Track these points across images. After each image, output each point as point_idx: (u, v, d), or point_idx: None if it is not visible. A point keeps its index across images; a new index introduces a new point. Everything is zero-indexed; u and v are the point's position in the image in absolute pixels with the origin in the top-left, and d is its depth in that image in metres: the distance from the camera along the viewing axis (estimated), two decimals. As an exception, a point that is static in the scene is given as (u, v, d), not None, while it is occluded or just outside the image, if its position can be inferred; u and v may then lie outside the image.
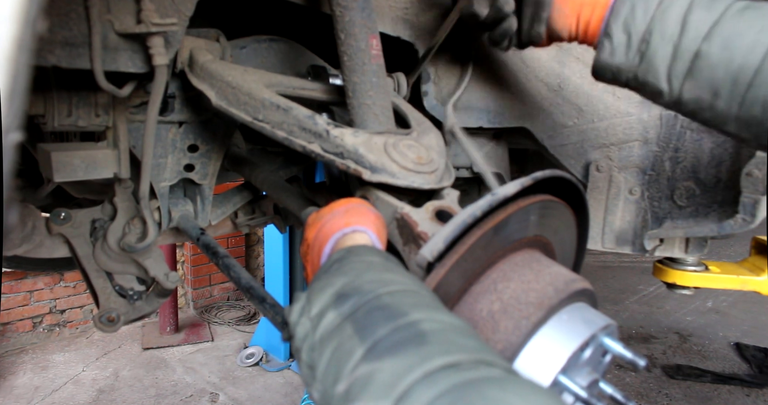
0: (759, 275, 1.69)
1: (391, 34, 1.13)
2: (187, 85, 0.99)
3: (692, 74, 0.70)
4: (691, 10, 0.71)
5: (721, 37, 0.68)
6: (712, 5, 0.70)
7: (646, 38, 0.73)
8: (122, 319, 1.21)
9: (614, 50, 0.77)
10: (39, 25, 0.33)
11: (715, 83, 0.68)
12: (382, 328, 0.45)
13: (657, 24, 0.72)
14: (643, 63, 0.74)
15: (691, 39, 0.70)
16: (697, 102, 0.71)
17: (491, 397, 0.37)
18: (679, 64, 0.71)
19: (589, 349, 0.63)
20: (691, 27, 0.70)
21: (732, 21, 0.68)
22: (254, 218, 1.42)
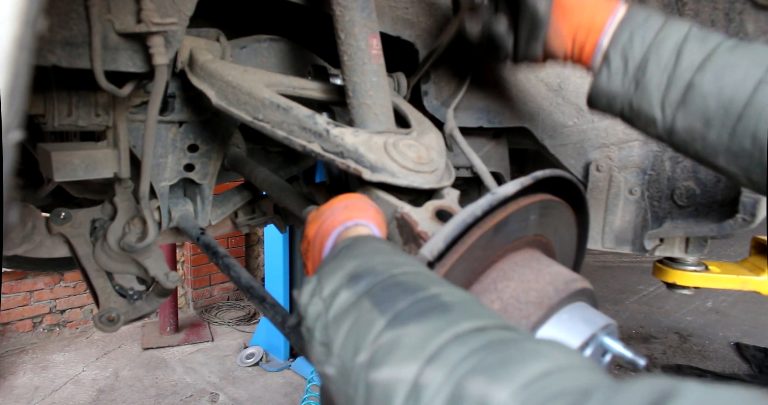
0: (759, 275, 1.69)
1: (391, 34, 1.13)
2: (187, 85, 0.99)
3: (685, 103, 0.72)
4: (686, 41, 0.73)
5: (713, 69, 0.70)
6: (706, 39, 0.73)
7: (642, 66, 0.75)
8: (122, 319, 1.21)
9: (611, 76, 0.78)
10: (39, 25, 0.33)
11: (706, 113, 0.70)
12: (402, 301, 0.45)
13: (653, 53, 0.74)
14: (639, 90, 0.76)
15: (684, 69, 0.72)
16: (689, 131, 0.73)
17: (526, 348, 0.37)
18: (672, 93, 0.73)
19: (589, 349, 0.63)
20: (686, 58, 0.72)
21: (724, 55, 0.70)
22: (254, 218, 1.42)
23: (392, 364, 0.40)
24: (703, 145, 0.72)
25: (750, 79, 0.67)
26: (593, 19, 0.80)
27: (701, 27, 0.76)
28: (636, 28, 0.76)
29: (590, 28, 0.81)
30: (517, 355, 0.37)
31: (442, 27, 1.17)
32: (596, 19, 0.80)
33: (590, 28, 0.81)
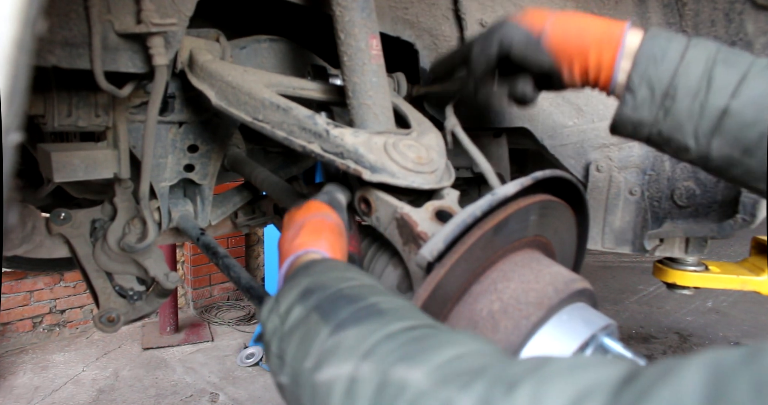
0: (759, 275, 1.69)
1: (391, 34, 1.13)
2: (187, 85, 0.99)
3: (720, 131, 0.69)
4: (715, 64, 0.69)
5: (749, 95, 0.66)
6: (736, 61, 0.69)
7: (670, 93, 0.71)
8: (122, 319, 1.21)
9: (638, 105, 0.75)
10: (39, 25, 0.33)
11: (745, 142, 0.67)
12: (344, 311, 0.50)
13: (681, 78, 0.71)
14: (668, 118, 0.72)
15: (717, 95, 0.68)
16: (727, 159, 0.70)
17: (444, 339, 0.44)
18: (705, 121, 0.70)
19: (589, 349, 0.63)
20: (717, 83, 0.68)
21: (759, 79, 0.67)
22: (254, 218, 1.42)
23: (333, 364, 0.45)
24: (743, 172, 0.69)
25: None
26: (600, 58, 0.77)
27: (726, 47, 0.72)
28: (659, 53, 0.73)
29: (599, 68, 0.77)
30: (435, 344, 0.43)
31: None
32: (603, 57, 0.77)
33: (599, 68, 0.77)
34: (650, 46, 0.73)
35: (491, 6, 1.20)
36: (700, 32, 1.27)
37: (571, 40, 0.79)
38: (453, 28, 1.20)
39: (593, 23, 0.79)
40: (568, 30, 0.79)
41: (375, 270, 0.83)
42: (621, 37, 0.76)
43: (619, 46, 0.75)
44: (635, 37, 0.75)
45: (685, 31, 1.27)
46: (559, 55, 0.79)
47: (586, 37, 0.78)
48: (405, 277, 0.77)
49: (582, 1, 1.28)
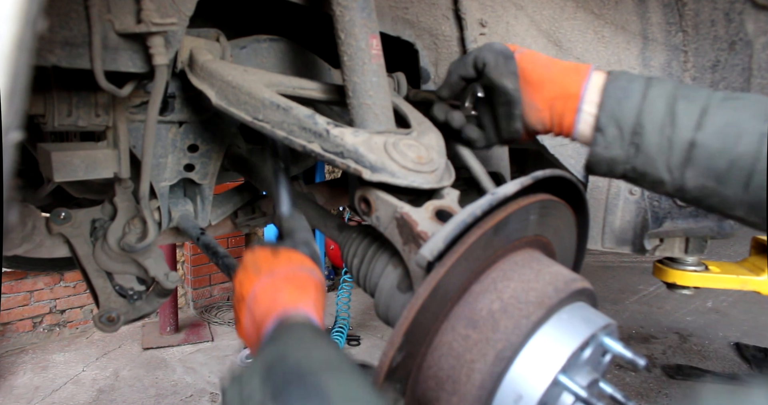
0: (759, 275, 1.69)
1: (391, 34, 1.13)
2: (187, 85, 0.99)
3: (691, 163, 0.72)
4: (676, 101, 0.73)
5: (713, 126, 0.70)
6: (694, 96, 0.73)
7: (637, 130, 0.75)
8: (122, 319, 1.21)
9: (609, 144, 0.78)
10: (39, 25, 0.33)
11: (716, 171, 0.70)
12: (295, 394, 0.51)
13: (646, 116, 0.74)
14: (640, 155, 0.76)
15: (683, 129, 0.71)
16: (702, 189, 0.73)
17: None
18: (675, 155, 0.73)
19: (589, 349, 0.63)
20: (680, 118, 0.72)
21: (719, 110, 0.70)
22: (254, 218, 1.42)
23: None
24: (719, 200, 0.72)
25: (753, 133, 0.67)
26: (566, 87, 0.80)
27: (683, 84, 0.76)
28: (621, 93, 0.76)
29: (566, 97, 0.80)
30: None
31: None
32: (569, 87, 0.80)
33: (566, 97, 0.80)
34: (614, 87, 0.77)
35: (491, 6, 1.20)
36: (700, 32, 1.27)
37: (538, 68, 0.83)
38: (453, 28, 1.20)
39: (559, 60, 0.84)
40: (537, 59, 0.84)
41: (375, 270, 0.83)
42: (586, 75, 0.79)
43: (584, 81, 0.79)
44: (599, 77, 0.79)
45: (685, 31, 1.27)
46: (526, 73, 0.83)
47: (553, 67, 0.82)
48: (405, 276, 0.77)
49: (582, 1, 1.29)
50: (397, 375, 0.62)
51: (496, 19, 1.21)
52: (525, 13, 1.25)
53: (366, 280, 0.85)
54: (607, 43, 1.31)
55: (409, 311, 0.59)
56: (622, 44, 1.31)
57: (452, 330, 0.64)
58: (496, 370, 0.60)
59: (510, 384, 0.61)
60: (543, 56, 0.85)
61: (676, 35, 1.29)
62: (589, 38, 1.30)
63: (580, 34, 1.30)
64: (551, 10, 1.27)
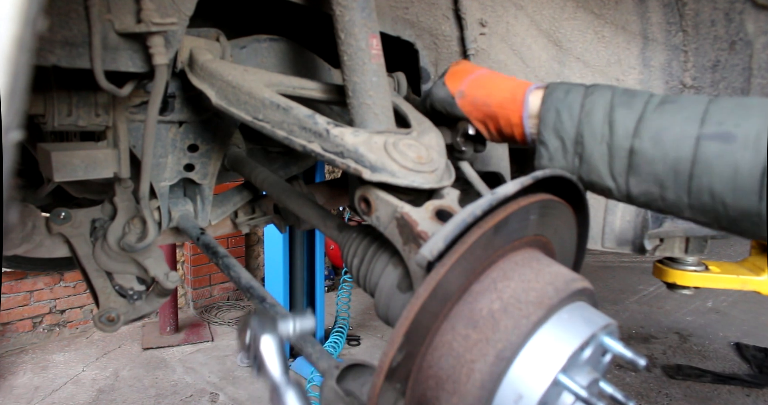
0: (759, 275, 1.69)
1: (391, 34, 1.13)
2: (187, 85, 0.99)
3: (633, 170, 0.73)
4: (614, 109, 0.74)
5: (649, 133, 0.70)
6: (632, 103, 0.73)
7: (579, 140, 0.76)
8: (122, 319, 1.21)
9: (552, 156, 0.80)
10: (39, 25, 0.33)
11: (657, 177, 0.70)
12: None
13: (586, 126, 0.75)
14: (584, 164, 0.77)
15: (621, 137, 0.72)
16: (647, 195, 0.73)
17: None
18: (617, 162, 0.73)
19: (589, 349, 0.63)
20: (618, 126, 0.73)
21: (655, 115, 0.71)
22: (254, 218, 1.42)
23: None
24: (665, 205, 0.72)
25: (687, 137, 0.67)
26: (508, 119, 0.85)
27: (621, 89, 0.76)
28: (560, 106, 0.78)
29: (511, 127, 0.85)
30: None
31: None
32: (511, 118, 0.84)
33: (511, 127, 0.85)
34: (551, 101, 0.79)
35: (491, 6, 1.20)
36: (701, 32, 1.27)
37: (479, 106, 0.88)
38: (453, 28, 1.20)
39: (500, 87, 0.87)
40: (476, 96, 0.88)
41: (375, 269, 0.83)
42: (523, 98, 0.83)
43: (522, 108, 0.82)
44: (536, 97, 0.82)
45: (685, 31, 1.27)
46: (470, 115, 0.89)
47: (492, 103, 0.86)
48: (405, 276, 0.77)
49: (582, 1, 1.29)
50: (397, 375, 0.62)
51: (496, 19, 1.21)
52: (525, 13, 1.25)
53: (366, 280, 0.84)
54: (607, 43, 1.31)
55: (409, 311, 0.59)
56: (622, 44, 1.31)
57: (452, 330, 0.64)
58: (496, 369, 0.60)
59: (510, 384, 0.61)
60: (481, 91, 0.88)
61: (676, 35, 1.29)
62: (589, 38, 1.30)
63: (580, 34, 1.30)
64: (551, 10, 1.27)
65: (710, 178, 0.66)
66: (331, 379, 0.74)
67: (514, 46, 1.25)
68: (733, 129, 0.64)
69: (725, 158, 0.64)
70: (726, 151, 0.64)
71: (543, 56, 1.26)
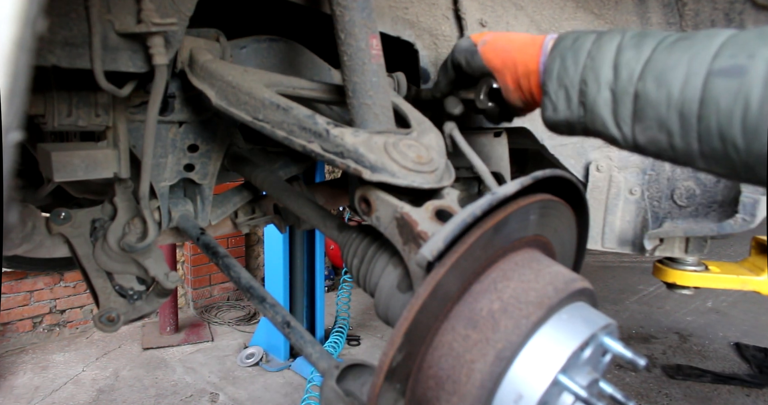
0: (759, 275, 1.69)
1: (391, 34, 1.13)
2: (187, 85, 0.99)
3: (638, 117, 0.67)
4: (620, 52, 0.68)
5: (653, 74, 0.64)
6: (642, 43, 0.67)
7: (582, 88, 0.71)
8: (122, 319, 1.21)
9: (556, 106, 0.75)
10: (39, 25, 0.33)
11: (663, 122, 0.64)
12: None
13: (590, 72, 0.70)
14: (588, 113, 0.72)
15: (626, 81, 0.67)
16: (654, 144, 0.67)
17: None
18: (622, 109, 0.68)
19: (589, 349, 0.63)
20: (623, 69, 0.67)
21: (662, 55, 0.64)
22: (254, 218, 1.42)
23: None
24: (675, 154, 0.66)
25: (695, 75, 0.60)
26: (526, 65, 0.80)
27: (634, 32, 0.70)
28: (566, 53, 0.74)
29: (528, 74, 0.81)
30: None
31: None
32: (528, 63, 0.80)
33: (528, 74, 0.81)
34: (558, 49, 0.76)
35: (491, 6, 1.20)
36: (700, 32, 1.27)
37: (500, 51, 0.85)
38: (453, 28, 1.20)
39: (522, 36, 0.85)
40: (497, 44, 0.86)
41: (375, 270, 0.83)
42: (542, 42, 0.80)
43: (541, 51, 0.79)
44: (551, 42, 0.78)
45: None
46: (491, 62, 0.86)
47: (512, 48, 0.84)
48: (405, 276, 0.77)
49: (582, 1, 1.29)
50: (397, 375, 0.62)
51: (496, 19, 1.21)
52: (525, 13, 1.25)
53: (366, 280, 0.85)
54: (607, 43, 1.31)
55: (409, 311, 0.59)
56: (622, 44, 1.31)
57: (452, 330, 0.64)
58: (496, 370, 0.60)
59: (510, 384, 0.61)
60: (503, 38, 0.85)
61: (676, 35, 1.28)
62: (589, 38, 1.30)
63: (580, 34, 1.29)
64: (551, 10, 1.27)
65: (718, 119, 0.58)
66: (331, 379, 0.74)
67: (514, 46, 1.25)
68: (746, 61, 0.55)
69: (734, 95, 0.56)
70: (735, 87, 0.56)
71: (543, 56, 1.26)
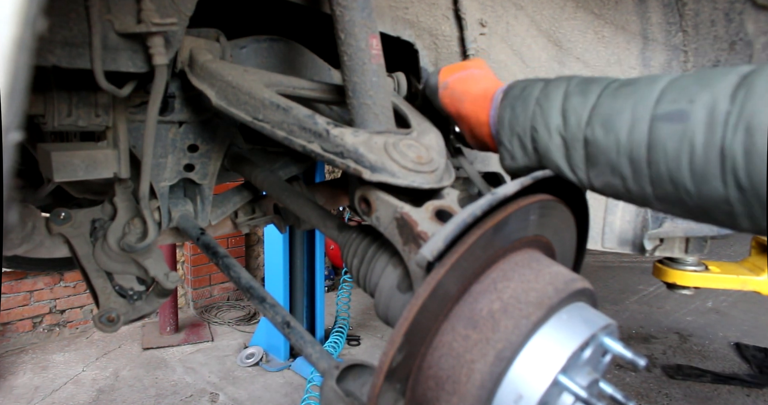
0: (759, 275, 1.69)
1: (391, 34, 1.13)
2: (187, 85, 0.99)
3: (591, 162, 0.66)
4: (567, 98, 0.68)
5: (600, 119, 0.64)
6: (588, 90, 0.67)
7: (533, 135, 0.72)
8: (122, 319, 1.21)
9: (513, 155, 0.76)
10: (39, 25, 0.33)
11: (615, 167, 0.63)
12: None
13: (539, 118, 0.71)
14: (544, 159, 0.72)
15: (575, 127, 0.66)
16: (610, 187, 0.66)
17: None
18: (575, 155, 0.68)
19: (589, 349, 0.63)
20: (571, 115, 0.67)
21: (607, 101, 0.64)
22: (254, 218, 1.42)
23: None
24: (631, 197, 0.65)
25: (640, 120, 0.59)
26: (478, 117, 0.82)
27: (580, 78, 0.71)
28: (515, 102, 0.74)
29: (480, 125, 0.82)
30: None
31: (442, 27, 1.17)
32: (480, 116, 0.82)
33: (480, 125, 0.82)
34: (508, 99, 0.76)
35: (491, 6, 1.20)
36: (700, 32, 1.27)
37: (455, 101, 0.87)
38: (453, 28, 1.20)
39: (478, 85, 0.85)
40: (456, 90, 0.88)
41: (375, 270, 0.83)
42: (492, 95, 0.80)
43: (491, 104, 0.80)
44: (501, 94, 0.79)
45: (685, 31, 1.27)
46: (447, 108, 0.89)
47: (466, 99, 0.85)
48: (405, 276, 0.77)
49: (582, 1, 1.29)
50: (397, 375, 0.62)
51: (496, 19, 1.21)
52: (525, 13, 1.25)
53: (366, 281, 0.85)
54: (607, 43, 1.31)
55: (409, 311, 0.59)
56: (622, 44, 1.31)
57: (452, 330, 0.64)
58: (496, 370, 0.60)
59: (510, 384, 0.61)
60: (461, 86, 0.87)
61: (676, 35, 1.29)
62: (589, 38, 1.30)
63: (580, 34, 1.30)
64: (551, 10, 1.27)
65: (667, 165, 0.58)
66: (331, 379, 0.74)
67: (514, 46, 1.25)
68: (687, 106, 0.56)
69: (679, 139, 0.56)
70: (679, 131, 0.56)
71: (543, 56, 1.26)
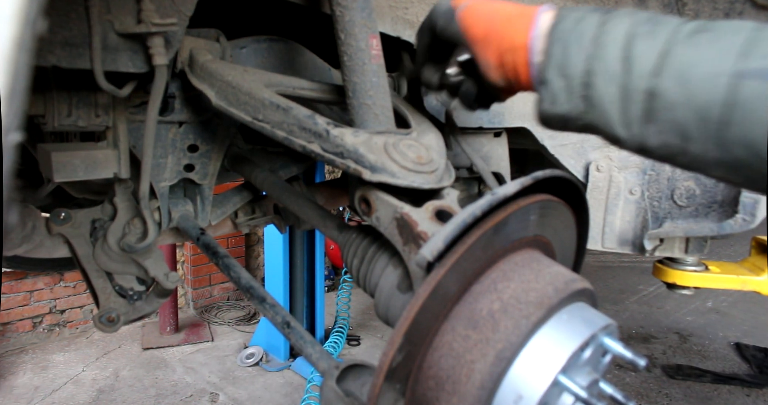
0: (759, 275, 1.69)
1: (391, 34, 1.13)
2: (187, 85, 0.99)
3: (651, 117, 0.59)
4: (632, 40, 0.60)
5: (673, 70, 0.57)
6: (656, 31, 0.59)
7: (587, 81, 0.63)
8: (122, 319, 1.21)
9: (555, 98, 0.67)
10: (39, 25, 0.33)
11: (681, 125, 0.57)
12: None
13: (596, 62, 0.62)
14: (591, 108, 0.64)
15: (638, 76, 0.59)
16: (667, 148, 0.60)
17: None
18: (632, 107, 0.60)
19: (589, 349, 0.63)
20: (636, 61, 0.59)
21: (683, 48, 0.57)
22: (254, 218, 1.42)
23: None
24: (689, 160, 0.59)
25: (722, 75, 0.54)
26: (512, 39, 0.70)
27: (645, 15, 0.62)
28: (569, 37, 0.65)
29: (514, 50, 0.70)
30: None
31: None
32: (515, 37, 0.69)
33: (514, 50, 0.70)
34: (560, 30, 0.66)
35: (491, 6, 1.20)
36: (700, 32, 1.27)
37: (481, 17, 0.73)
38: (453, 28, 1.20)
39: (505, 6, 0.73)
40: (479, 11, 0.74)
41: (375, 270, 0.83)
42: (534, 14, 0.69)
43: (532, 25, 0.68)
44: (547, 19, 0.68)
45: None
46: (469, 31, 0.75)
47: (497, 16, 0.72)
48: (405, 276, 0.77)
49: (582, 2, 1.29)
50: (397, 375, 0.62)
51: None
52: (525, 13, 1.24)
53: (366, 281, 0.85)
54: (607, 43, 1.31)
55: (409, 311, 0.59)
56: (622, 44, 1.31)
57: (452, 330, 0.64)
58: (496, 370, 0.60)
59: (510, 384, 0.61)
60: (486, 5, 0.75)
61: (676, 35, 1.29)
62: (589, 38, 1.30)
63: (580, 34, 1.29)
64: (551, 10, 1.27)
65: (749, 127, 0.52)
66: (331, 379, 0.74)
67: (514, 47, 1.25)
68: None
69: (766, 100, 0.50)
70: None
71: (543, 56, 1.26)
